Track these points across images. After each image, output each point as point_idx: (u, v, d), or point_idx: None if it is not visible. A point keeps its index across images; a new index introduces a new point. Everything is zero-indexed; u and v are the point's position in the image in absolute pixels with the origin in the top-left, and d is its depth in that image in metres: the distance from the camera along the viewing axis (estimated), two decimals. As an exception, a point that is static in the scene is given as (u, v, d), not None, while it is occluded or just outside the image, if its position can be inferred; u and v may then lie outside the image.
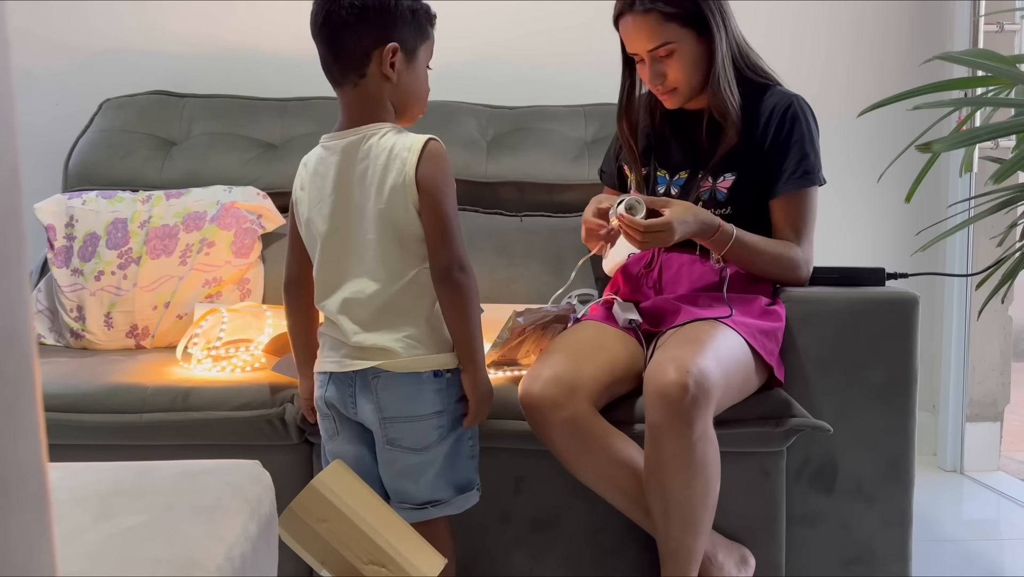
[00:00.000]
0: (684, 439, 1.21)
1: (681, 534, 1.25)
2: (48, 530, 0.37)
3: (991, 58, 1.31)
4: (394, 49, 1.21)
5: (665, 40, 1.42)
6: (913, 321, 1.45)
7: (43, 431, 0.38)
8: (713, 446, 1.26)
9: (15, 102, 0.37)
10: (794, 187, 1.45)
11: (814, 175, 1.46)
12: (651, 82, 1.47)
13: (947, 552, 1.85)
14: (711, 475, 1.25)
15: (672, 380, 1.20)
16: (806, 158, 1.44)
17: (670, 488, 1.24)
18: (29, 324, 0.37)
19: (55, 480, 0.41)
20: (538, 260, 1.95)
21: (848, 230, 2.46)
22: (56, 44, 2.32)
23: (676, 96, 1.48)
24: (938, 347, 2.42)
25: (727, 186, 1.46)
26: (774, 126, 1.45)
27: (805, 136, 1.45)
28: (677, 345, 1.29)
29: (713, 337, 1.30)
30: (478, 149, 2.13)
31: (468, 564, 1.43)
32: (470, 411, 1.25)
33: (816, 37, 2.43)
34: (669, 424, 1.21)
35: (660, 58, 1.44)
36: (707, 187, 1.47)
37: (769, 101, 1.47)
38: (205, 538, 0.57)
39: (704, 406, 1.22)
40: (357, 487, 1.16)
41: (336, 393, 1.24)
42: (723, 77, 1.44)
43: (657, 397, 1.22)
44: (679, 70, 1.44)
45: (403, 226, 1.20)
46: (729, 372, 1.28)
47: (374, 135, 1.22)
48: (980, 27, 2.28)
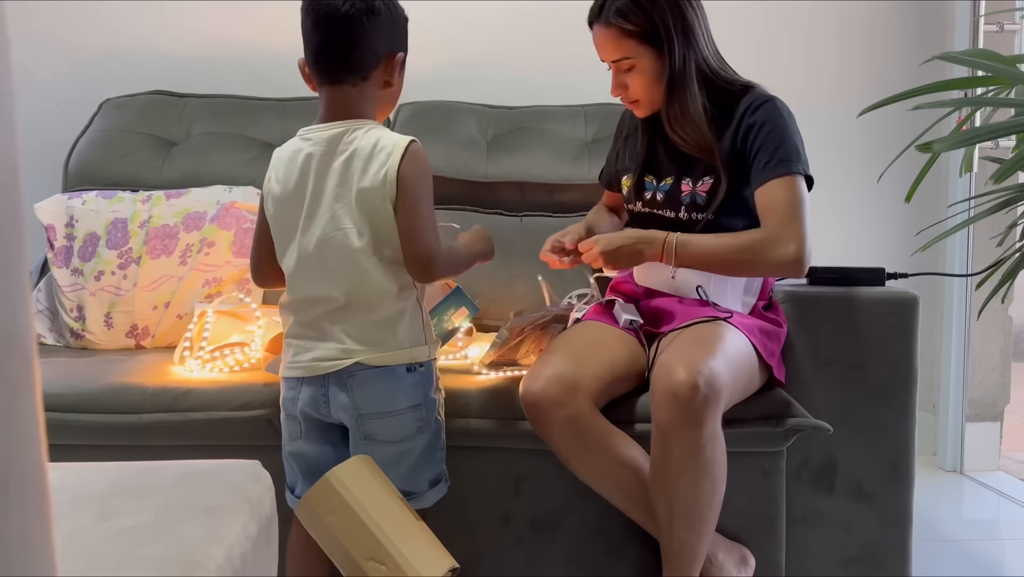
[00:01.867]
0: (694, 440, 1.21)
1: (686, 534, 1.25)
2: (48, 530, 0.37)
3: (991, 58, 1.31)
4: (402, 59, 1.27)
5: (625, 55, 1.43)
6: (913, 321, 1.45)
7: (43, 431, 0.38)
8: (721, 447, 1.26)
9: (15, 102, 0.37)
10: (770, 175, 1.40)
11: (791, 163, 1.40)
12: (614, 92, 1.49)
13: (947, 552, 1.85)
14: (718, 476, 1.26)
15: (682, 380, 1.20)
16: (781, 147, 1.40)
17: (677, 488, 1.24)
18: (29, 324, 0.37)
19: (55, 480, 0.41)
20: (538, 260, 1.95)
21: (848, 230, 2.46)
22: (56, 44, 2.32)
23: (640, 107, 1.50)
24: (938, 347, 2.42)
25: (706, 189, 1.45)
26: (747, 126, 1.43)
27: (778, 128, 1.41)
28: (685, 345, 1.29)
29: (720, 337, 1.30)
30: (478, 149, 2.13)
31: (468, 564, 1.43)
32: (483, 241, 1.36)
33: (816, 37, 2.43)
34: (679, 424, 1.21)
35: (623, 70, 1.45)
36: (687, 191, 1.47)
37: (743, 104, 1.45)
38: (205, 538, 0.57)
39: (714, 406, 1.22)
40: (372, 484, 1.16)
41: (309, 398, 1.25)
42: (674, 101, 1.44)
43: (667, 397, 1.22)
44: (639, 84, 1.45)
45: (377, 220, 1.21)
46: (736, 372, 1.29)
47: (359, 129, 1.23)
48: (980, 27, 2.28)
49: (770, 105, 1.43)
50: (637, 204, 1.55)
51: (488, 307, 1.95)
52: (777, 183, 1.39)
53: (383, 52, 1.24)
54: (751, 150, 1.42)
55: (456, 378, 1.47)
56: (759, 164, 1.41)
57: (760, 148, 1.41)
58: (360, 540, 1.11)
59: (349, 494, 1.12)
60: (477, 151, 2.13)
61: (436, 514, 1.43)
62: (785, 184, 1.39)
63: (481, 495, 1.44)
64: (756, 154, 1.41)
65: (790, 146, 1.41)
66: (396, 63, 1.26)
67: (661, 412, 1.23)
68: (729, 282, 1.44)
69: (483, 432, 1.40)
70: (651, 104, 1.48)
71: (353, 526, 1.12)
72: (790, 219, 1.37)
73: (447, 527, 1.43)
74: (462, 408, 1.40)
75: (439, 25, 2.37)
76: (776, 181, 1.39)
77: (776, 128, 1.41)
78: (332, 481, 1.13)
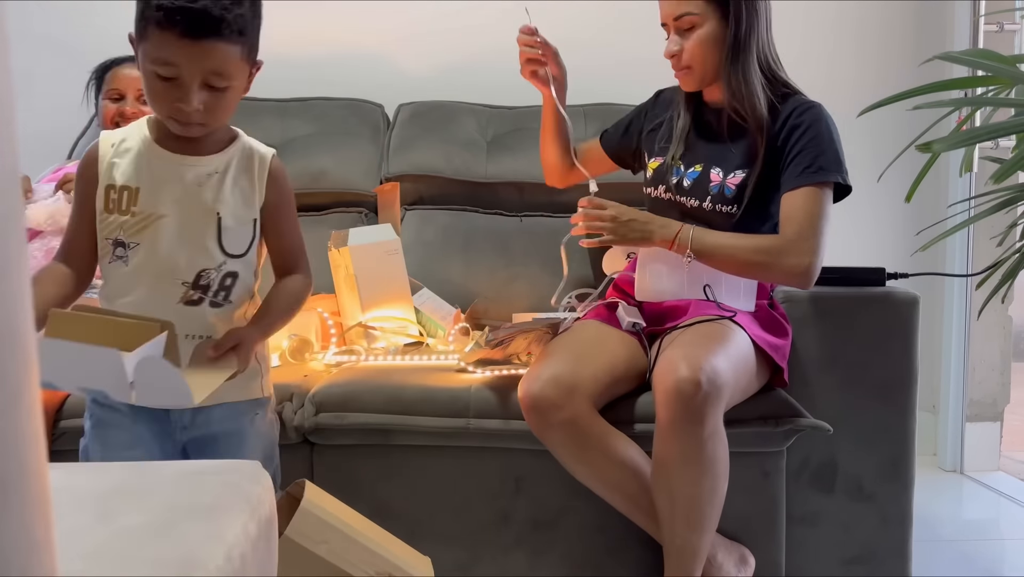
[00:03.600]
0: (695, 436, 1.21)
1: (688, 532, 1.25)
2: (48, 530, 0.37)
3: (991, 58, 1.31)
4: (259, 66, 1.18)
5: (687, 11, 1.42)
6: (913, 321, 1.45)
7: (43, 431, 0.38)
8: (723, 444, 1.26)
9: (15, 102, 0.37)
10: (801, 181, 1.39)
11: (826, 172, 1.39)
12: (668, 54, 1.47)
13: (947, 552, 1.85)
14: (720, 473, 1.25)
15: (685, 377, 1.20)
16: (821, 155, 1.40)
17: (679, 486, 1.24)
18: (29, 324, 0.37)
19: (55, 480, 0.41)
20: (538, 260, 1.95)
21: (848, 230, 2.45)
22: (56, 44, 2.32)
23: (690, 76, 1.47)
24: (938, 347, 2.42)
25: (736, 183, 1.44)
26: (790, 127, 1.42)
27: (820, 135, 1.41)
28: (687, 343, 1.29)
29: (723, 336, 1.30)
30: (478, 149, 2.13)
31: (468, 564, 1.43)
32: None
33: (816, 37, 2.43)
34: (681, 421, 1.21)
35: (682, 31, 1.44)
36: (716, 181, 1.46)
37: (788, 106, 1.44)
38: (205, 538, 0.57)
39: (716, 403, 1.22)
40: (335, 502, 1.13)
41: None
42: (737, 68, 1.42)
43: (669, 394, 1.22)
44: (696, 47, 1.43)
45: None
46: (738, 371, 1.29)
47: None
48: (980, 27, 2.29)
49: (816, 111, 1.43)
50: (659, 188, 1.53)
51: (488, 307, 1.96)
52: (805, 192, 1.39)
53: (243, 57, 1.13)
54: (789, 153, 1.42)
55: (455, 378, 1.47)
56: (794, 168, 1.40)
57: (799, 153, 1.40)
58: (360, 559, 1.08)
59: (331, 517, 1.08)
60: (477, 151, 2.13)
61: (436, 514, 1.43)
62: (812, 195, 1.38)
63: (481, 495, 1.44)
64: (794, 158, 1.41)
65: (830, 155, 1.40)
66: (253, 71, 1.18)
67: (663, 408, 1.23)
68: (742, 284, 1.43)
69: (483, 432, 1.40)
70: (701, 74, 1.46)
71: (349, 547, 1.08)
72: (810, 231, 1.37)
73: (447, 527, 1.43)
74: (462, 408, 1.40)
75: (439, 25, 2.37)
76: (805, 189, 1.39)
77: (818, 135, 1.41)
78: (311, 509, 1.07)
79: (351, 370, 1.55)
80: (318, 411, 1.41)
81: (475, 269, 2.02)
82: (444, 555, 1.39)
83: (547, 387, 1.29)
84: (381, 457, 1.43)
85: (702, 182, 1.48)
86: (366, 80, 2.35)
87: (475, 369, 1.49)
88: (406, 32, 2.38)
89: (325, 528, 1.07)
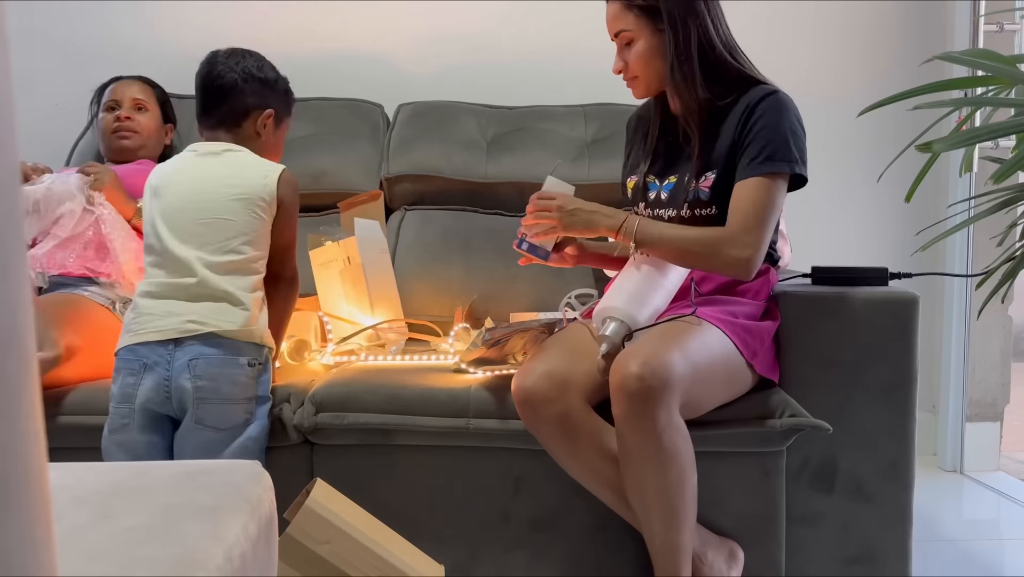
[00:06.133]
0: (648, 431, 1.21)
1: (664, 530, 1.25)
2: (48, 530, 0.37)
3: (991, 58, 1.31)
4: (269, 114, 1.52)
5: (622, 28, 1.45)
6: (913, 321, 1.45)
7: (43, 431, 0.38)
8: (682, 436, 1.24)
9: (15, 102, 0.37)
10: (750, 172, 1.38)
11: (774, 163, 1.37)
12: (615, 71, 1.50)
13: (947, 552, 1.85)
14: (684, 465, 1.25)
15: (631, 373, 1.20)
16: (768, 144, 1.38)
17: (644, 480, 1.24)
18: (29, 324, 0.37)
19: (54, 480, 0.41)
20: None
21: (848, 230, 2.46)
22: (56, 44, 2.32)
23: (637, 85, 1.50)
24: (938, 347, 2.42)
25: (709, 185, 1.44)
26: (746, 118, 1.41)
27: (772, 124, 1.39)
28: (645, 341, 1.29)
29: (683, 332, 1.30)
30: (478, 149, 2.13)
31: (468, 564, 1.43)
32: None
33: (816, 37, 2.43)
34: (631, 416, 1.22)
35: (623, 47, 1.47)
36: (692, 188, 1.47)
37: (748, 97, 1.44)
38: (205, 538, 0.57)
39: (664, 397, 1.21)
40: (345, 502, 1.13)
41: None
42: (683, 75, 1.43)
43: (616, 390, 1.22)
44: (636, 62, 1.46)
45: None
46: (699, 365, 1.27)
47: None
48: (980, 27, 2.29)
49: (771, 99, 1.41)
50: (639, 206, 1.55)
51: (488, 307, 1.96)
52: (754, 182, 1.38)
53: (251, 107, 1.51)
54: (743, 143, 1.41)
55: (455, 378, 1.48)
56: (745, 159, 1.40)
57: (751, 143, 1.40)
58: (363, 561, 1.07)
59: (336, 517, 1.08)
60: (477, 151, 2.13)
61: (436, 514, 1.43)
62: (760, 185, 1.37)
63: (481, 495, 1.44)
64: (746, 148, 1.40)
65: (779, 143, 1.38)
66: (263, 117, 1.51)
67: (615, 405, 1.24)
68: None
69: (482, 432, 1.40)
70: (647, 83, 1.49)
71: (352, 549, 1.07)
72: (755, 222, 1.36)
73: (447, 527, 1.43)
74: (461, 408, 1.40)
75: (439, 25, 2.37)
76: (754, 180, 1.38)
77: (769, 124, 1.39)
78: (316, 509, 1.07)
79: (351, 370, 1.55)
80: (318, 411, 1.41)
81: (475, 269, 2.02)
82: (444, 555, 1.39)
83: (540, 381, 1.30)
84: (381, 457, 1.43)
85: (678, 192, 1.49)
86: (366, 80, 2.35)
87: (473, 369, 1.49)
88: (406, 32, 2.38)
89: (329, 528, 1.07)
